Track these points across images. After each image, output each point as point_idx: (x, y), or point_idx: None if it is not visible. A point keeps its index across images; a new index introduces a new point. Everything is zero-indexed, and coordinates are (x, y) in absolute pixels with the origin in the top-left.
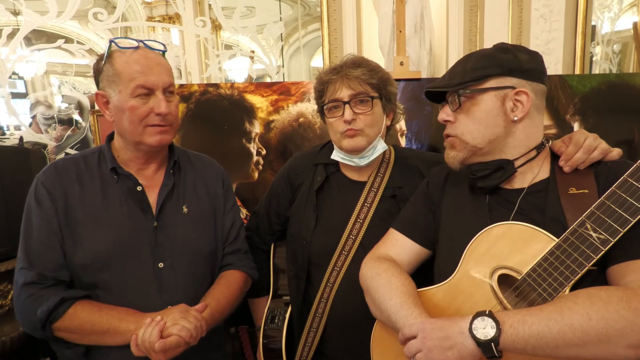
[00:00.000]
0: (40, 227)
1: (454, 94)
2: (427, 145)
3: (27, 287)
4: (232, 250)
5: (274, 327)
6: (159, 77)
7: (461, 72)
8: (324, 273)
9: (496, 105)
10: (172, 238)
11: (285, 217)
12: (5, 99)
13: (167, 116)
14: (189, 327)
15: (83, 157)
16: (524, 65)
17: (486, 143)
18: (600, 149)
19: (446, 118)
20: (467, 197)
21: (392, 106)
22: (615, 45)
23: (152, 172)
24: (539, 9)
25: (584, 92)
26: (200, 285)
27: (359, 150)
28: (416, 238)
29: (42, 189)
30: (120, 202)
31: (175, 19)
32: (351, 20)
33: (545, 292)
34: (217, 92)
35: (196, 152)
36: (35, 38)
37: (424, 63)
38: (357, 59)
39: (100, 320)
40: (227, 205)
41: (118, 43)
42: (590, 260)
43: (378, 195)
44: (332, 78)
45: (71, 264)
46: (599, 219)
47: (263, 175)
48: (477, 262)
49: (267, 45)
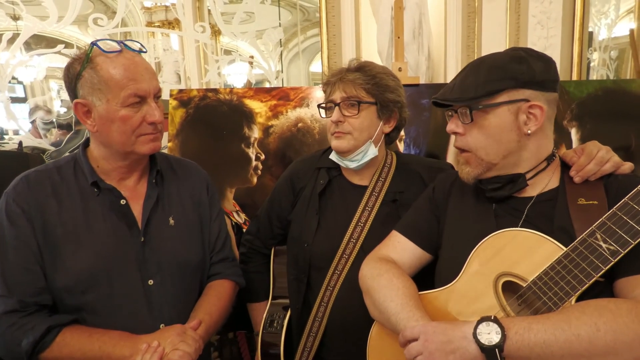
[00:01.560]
0: (17, 249)
1: (465, 108)
2: (424, 150)
3: (8, 316)
4: (220, 259)
5: (273, 331)
6: (150, 84)
7: (473, 85)
8: (325, 277)
9: (509, 119)
10: (160, 253)
11: (286, 220)
12: (4, 104)
13: (159, 124)
14: (189, 351)
15: (57, 168)
16: (538, 76)
17: (500, 158)
18: (613, 162)
19: (456, 130)
20: (473, 205)
21: (392, 113)
22: (612, 52)
23: (133, 183)
24: (536, 16)
25: (581, 98)
26: (190, 299)
27: (342, 151)
28: (418, 242)
29: (14, 205)
30: (103, 217)
31: (175, 24)
32: (350, 26)
33: (551, 301)
34: (216, 97)
35: (178, 157)
36: (35, 43)
37: (422, 69)
38: (360, 64)
39: (92, 347)
40: (212, 212)
41: (102, 46)
42: (598, 270)
43: (379, 200)
44: (331, 80)
45: (53, 286)
46: (610, 229)
47: (262, 181)
48: (482, 268)
49: (266, 50)
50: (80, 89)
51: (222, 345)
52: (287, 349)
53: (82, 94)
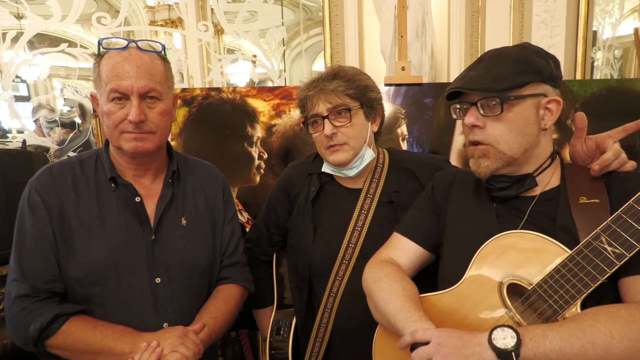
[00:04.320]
0: (34, 237)
1: (492, 99)
2: (428, 149)
3: (20, 300)
4: (230, 263)
5: (280, 338)
6: (135, 82)
7: (502, 75)
8: (326, 283)
9: (533, 113)
10: (169, 252)
11: (284, 228)
12: (8, 102)
13: (142, 124)
14: (188, 354)
15: (79, 162)
16: (553, 72)
17: (521, 153)
18: (621, 159)
19: (475, 123)
20: (474, 204)
21: (376, 111)
22: (617, 51)
23: (149, 181)
24: (540, 15)
25: (585, 98)
26: (196, 301)
27: (344, 163)
28: (419, 241)
29: (36, 195)
30: (117, 213)
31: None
32: (353, 25)
33: (556, 304)
34: (219, 96)
35: (197, 158)
36: (38, 42)
37: (425, 68)
38: (333, 70)
39: (95, 340)
40: (226, 216)
41: (106, 44)
42: (604, 274)
43: (374, 202)
44: (309, 94)
45: (65, 275)
46: (615, 232)
47: (264, 180)
48: (486, 270)
49: (269, 49)
50: (94, 82)
51: (224, 344)
52: (295, 353)
53: (95, 87)
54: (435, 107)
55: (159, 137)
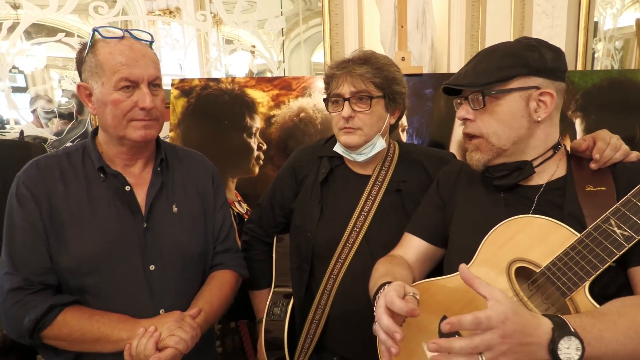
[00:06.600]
0: (24, 230)
1: (477, 93)
2: (427, 141)
3: (13, 293)
4: (223, 249)
5: (276, 319)
6: (144, 70)
7: (486, 71)
8: (328, 265)
9: (520, 105)
10: (162, 239)
11: (289, 209)
12: (5, 93)
13: (152, 110)
14: (186, 337)
15: (66, 155)
16: (549, 64)
17: (511, 144)
18: (623, 150)
19: (466, 116)
20: (482, 195)
21: (398, 105)
22: (618, 42)
23: (139, 170)
24: (541, 5)
25: (585, 89)
26: (191, 287)
27: (353, 147)
28: (423, 235)
29: (24, 189)
30: (108, 203)
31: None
32: (352, 15)
33: (565, 286)
34: (218, 87)
35: (185, 147)
36: (35, 32)
37: (425, 58)
38: (365, 55)
39: (92, 329)
40: (217, 203)
41: (102, 32)
42: (612, 256)
43: (382, 189)
44: (336, 73)
45: (58, 267)
46: (624, 215)
47: (264, 171)
48: (495, 254)
49: (268, 40)
50: (83, 72)
51: (224, 335)
52: (290, 336)
53: (84, 77)
54: (435, 98)
55: (161, 124)
